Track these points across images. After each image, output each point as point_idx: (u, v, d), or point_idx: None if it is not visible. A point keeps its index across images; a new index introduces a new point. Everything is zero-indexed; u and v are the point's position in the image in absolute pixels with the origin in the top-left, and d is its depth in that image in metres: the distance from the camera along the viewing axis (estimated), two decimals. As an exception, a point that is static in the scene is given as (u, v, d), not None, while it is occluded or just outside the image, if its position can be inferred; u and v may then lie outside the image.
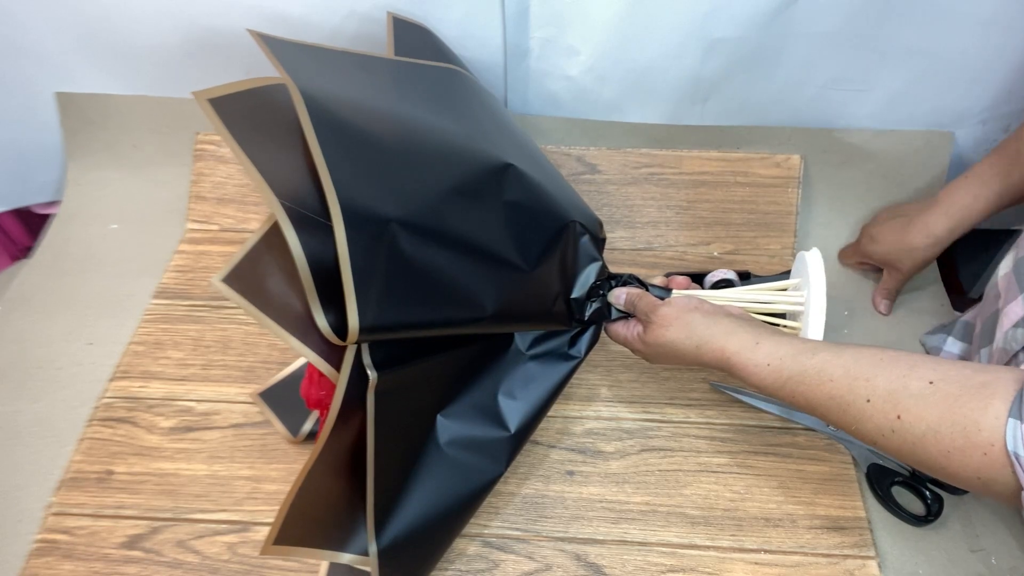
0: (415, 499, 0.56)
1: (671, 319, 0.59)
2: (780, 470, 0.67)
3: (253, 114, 0.53)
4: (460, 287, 0.54)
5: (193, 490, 0.66)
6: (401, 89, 0.64)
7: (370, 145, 0.54)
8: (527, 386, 0.62)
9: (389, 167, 0.54)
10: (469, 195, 0.57)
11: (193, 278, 0.82)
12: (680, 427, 0.70)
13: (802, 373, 0.52)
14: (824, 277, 0.64)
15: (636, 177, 0.87)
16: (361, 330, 0.47)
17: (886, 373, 0.48)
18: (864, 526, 0.63)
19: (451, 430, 0.59)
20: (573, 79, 0.82)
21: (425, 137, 0.59)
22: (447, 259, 0.54)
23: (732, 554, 0.62)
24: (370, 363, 0.51)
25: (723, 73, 0.80)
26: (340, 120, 0.53)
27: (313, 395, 0.60)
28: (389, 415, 0.53)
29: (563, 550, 0.63)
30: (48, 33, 0.80)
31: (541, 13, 0.76)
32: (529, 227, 0.60)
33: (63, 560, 0.62)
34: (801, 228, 0.85)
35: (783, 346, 0.54)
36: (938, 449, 0.44)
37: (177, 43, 0.81)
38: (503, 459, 0.60)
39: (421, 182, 0.55)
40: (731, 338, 0.56)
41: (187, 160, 0.87)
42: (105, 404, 0.72)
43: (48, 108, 0.86)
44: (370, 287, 0.48)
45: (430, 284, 0.53)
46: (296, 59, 0.57)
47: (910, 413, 0.45)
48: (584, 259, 0.64)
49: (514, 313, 0.57)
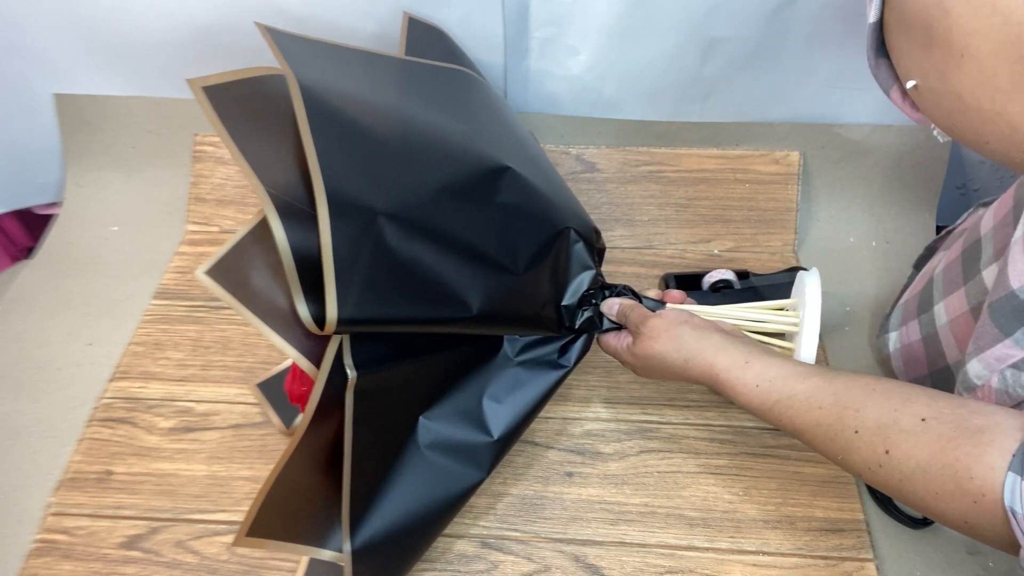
0: (392, 501, 0.55)
1: (660, 331, 0.58)
2: (779, 472, 0.67)
3: (248, 103, 0.53)
4: (445, 285, 0.53)
5: (192, 490, 0.66)
6: (404, 87, 0.64)
7: (364, 137, 0.54)
8: (513, 392, 0.61)
9: (381, 160, 0.54)
10: (461, 194, 0.57)
11: (192, 279, 0.82)
12: (679, 429, 0.70)
13: (791, 397, 0.50)
14: (820, 300, 0.62)
15: (636, 175, 0.86)
16: (339, 321, 0.46)
17: (877, 405, 0.46)
18: (862, 528, 0.63)
19: (432, 432, 0.58)
20: (573, 78, 0.82)
21: (422, 134, 0.59)
22: (433, 256, 0.53)
23: (730, 556, 0.62)
24: (351, 363, 0.50)
25: (723, 72, 0.80)
26: (335, 110, 0.53)
27: (296, 390, 0.60)
28: (369, 415, 0.52)
29: (562, 551, 0.63)
30: (48, 34, 0.80)
31: (541, 13, 0.76)
32: (521, 230, 0.60)
33: (62, 560, 0.62)
34: (801, 224, 0.85)
35: (773, 367, 0.53)
36: (926, 489, 0.43)
37: (177, 44, 0.81)
38: (485, 465, 0.59)
39: (413, 178, 0.55)
40: (720, 354, 0.55)
41: (187, 161, 0.87)
42: (104, 404, 0.72)
43: (47, 109, 0.86)
44: (352, 278, 0.47)
45: (414, 280, 0.52)
46: (298, 51, 0.57)
47: (899, 449, 0.44)
48: (577, 267, 0.64)
49: (500, 315, 0.57)
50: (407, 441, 0.58)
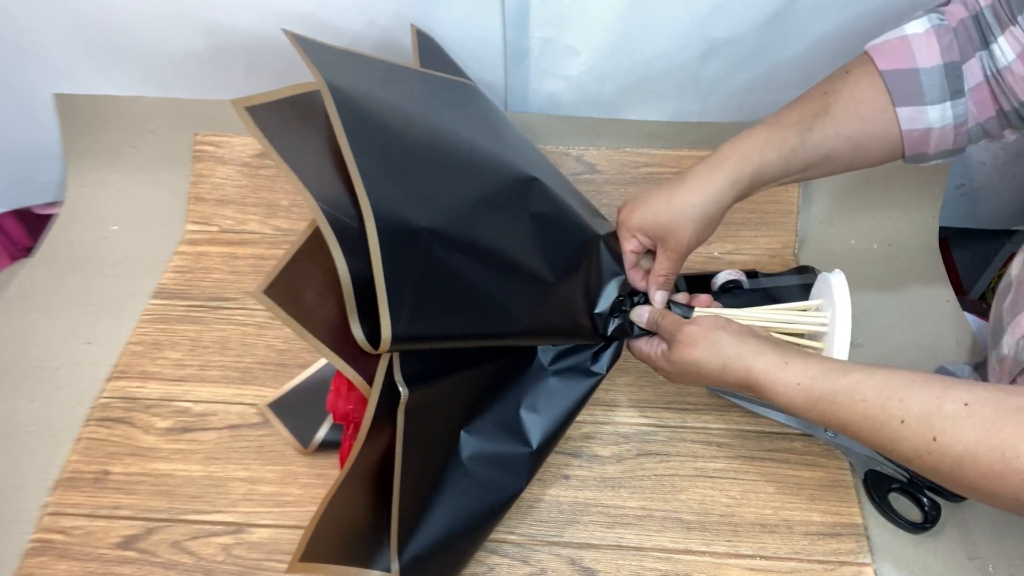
0: (437, 516, 0.56)
1: (698, 338, 0.58)
2: (777, 475, 0.67)
3: (288, 121, 0.53)
4: (491, 298, 0.54)
5: (189, 491, 0.66)
6: (428, 98, 0.65)
7: (402, 152, 0.54)
8: (549, 401, 0.62)
9: (421, 175, 0.54)
10: (496, 206, 0.57)
11: (192, 279, 0.82)
12: (677, 431, 0.70)
13: (833, 392, 0.51)
14: (849, 299, 0.62)
15: (636, 176, 0.86)
16: (393, 339, 0.47)
17: (920, 394, 0.47)
18: (861, 533, 0.63)
19: (473, 445, 0.59)
20: (573, 79, 0.82)
21: (454, 146, 0.59)
22: (478, 269, 0.54)
23: (727, 560, 0.62)
24: (401, 380, 0.50)
25: (723, 72, 0.79)
26: (372, 125, 0.54)
27: (340, 408, 0.59)
28: (417, 432, 0.52)
29: (558, 554, 0.62)
30: (48, 34, 0.80)
31: (541, 13, 0.76)
32: (555, 239, 0.60)
33: (58, 560, 0.62)
34: (802, 226, 0.85)
35: (812, 366, 0.53)
36: (976, 472, 0.44)
37: (177, 44, 0.81)
38: (524, 475, 0.60)
39: (451, 190, 0.55)
40: (759, 357, 0.55)
41: (186, 161, 0.87)
42: (102, 404, 0.72)
43: (48, 109, 0.86)
44: (403, 296, 0.48)
45: (462, 294, 0.52)
46: (330, 63, 0.57)
47: (946, 435, 0.45)
48: (608, 274, 0.63)
49: (543, 326, 0.57)
50: (450, 455, 0.58)
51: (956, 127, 0.60)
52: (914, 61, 0.59)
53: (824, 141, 0.60)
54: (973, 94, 0.59)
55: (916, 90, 0.59)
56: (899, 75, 0.59)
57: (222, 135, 0.87)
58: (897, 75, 0.59)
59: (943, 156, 0.62)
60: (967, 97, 0.59)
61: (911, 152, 0.62)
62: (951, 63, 0.58)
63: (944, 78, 0.58)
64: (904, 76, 0.59)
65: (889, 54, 0.60)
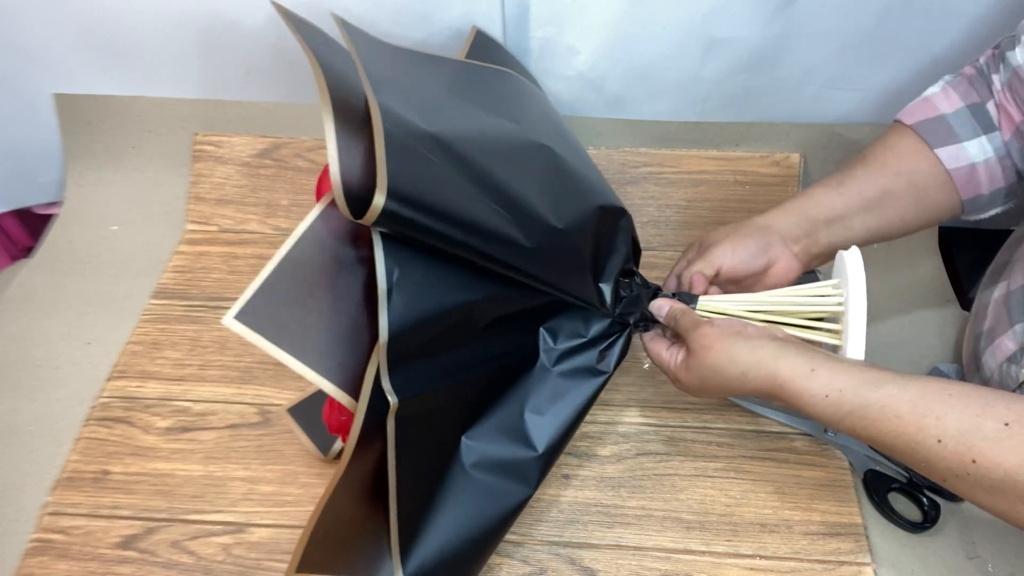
0: (442, 525, 0.55)
1: (712, 340, 0.55)
2: (776, 475, 0.67)
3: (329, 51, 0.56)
4: (494, 209, 0.52)
5: (188, 491, 0.66)
6: (452, 78, 0.65)
7: (419, 101, 0.56)
8: (555, 403, 0.60)
9: (433, 107, 0.56)
10: (508, 153, 0.58)
11: (191, 278, 0.82)
12: (676, 431, 0.70)
13: (864, 407, 0.48)
14: (864, 277, 0.58)
15: (635, 176, 0.86)
16: (390, 193, 0.45)
17: (957, 412, 0.45)
18: (860, 532, 0.63)
19: (476, 452, 0.57)
20: (573, 79, 0.82)
21: (471, 110, 0.60)
22: (483, 180, 0.53)
23: (727, 559, 0.62)
24: (390, 388, 0.49)
25: (723, 72, 0.79)
26: (397, 84, 0.56)
27: (335, 420, 0.58)
28: (411, 440, 0.51)
29: (558, 554, 0.62)
30: (48, 34, 0.80)
31: (541, 13, 0.76)
32: (565, 191, 0.59)
33: (58, 560, 0.62)
34: (802, 229, 0.85)
35: (842, 376, 0.50)
36: (1016, 495, 0.43)
37: (177, 44, 0.81)
38: (532, 480, 0.58)
39: (461, 123, 0.57)
40: (782, 363, 0.52)
41: (186, 161, 0.87)
42: (102, 404, 0.72)
43: (47, 109, 0.86)
44: (403, 159, 0.47)
45: (464, 186, 0.51)
46: (364, 44, 0.59)
47: (985, 457, 0.43)
48: (621, 246, 0.63)
49: (547, 262, 0.55)
50: (451, 463, 0.57)
51: (1000, 159, 0.62)
52: (938, 110, 0.63)
53: (870, 175, 0.63)
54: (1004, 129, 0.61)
55: (948, 131, 0.62)
56: (928, 123, 0.63)
57: (222, 135, 0.87)
58: (926, 124, 0.63)
59: (999, 199, 0.65)
60: (1000, 130, 0.61)
61: (967, 195, 0.63)
62: (973, 104, 0.62)
63: (971, 117, 0.61)
64: (933, 123, 0.62)
65: (914, 112, 0.64)
